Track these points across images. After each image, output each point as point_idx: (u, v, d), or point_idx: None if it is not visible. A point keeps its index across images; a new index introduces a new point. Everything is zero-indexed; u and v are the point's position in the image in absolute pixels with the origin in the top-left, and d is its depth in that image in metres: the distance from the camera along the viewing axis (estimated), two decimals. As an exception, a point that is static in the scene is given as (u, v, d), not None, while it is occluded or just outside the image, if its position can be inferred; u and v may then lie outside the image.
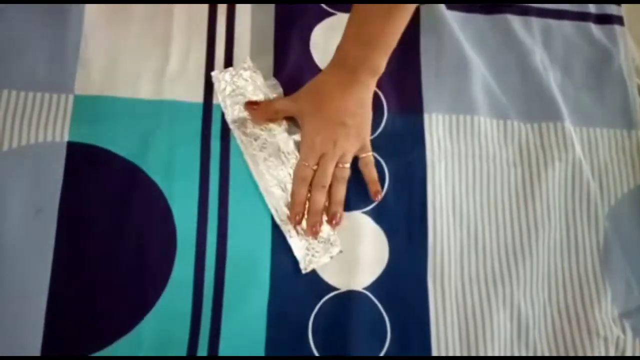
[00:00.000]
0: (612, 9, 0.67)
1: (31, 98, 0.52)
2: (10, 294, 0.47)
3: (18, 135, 0.51)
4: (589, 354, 0.51)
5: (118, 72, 0.55)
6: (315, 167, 0.53)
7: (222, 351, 0.47)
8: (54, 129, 0.52)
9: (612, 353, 0.52)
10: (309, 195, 0.53)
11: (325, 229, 0.52)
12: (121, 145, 0.52)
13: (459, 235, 0.54)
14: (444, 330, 0.51)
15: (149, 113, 0.54)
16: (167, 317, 0.48)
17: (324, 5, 0.62)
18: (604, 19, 0.67)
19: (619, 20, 0.66)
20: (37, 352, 0.46)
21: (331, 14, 0.62)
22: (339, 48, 0.53)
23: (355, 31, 0.51)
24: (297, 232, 0.52)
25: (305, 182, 0.53)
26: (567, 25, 0.65)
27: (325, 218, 0.53)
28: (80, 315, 0.47)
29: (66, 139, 0.52)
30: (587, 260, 0.55)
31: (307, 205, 0.53)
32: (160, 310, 0.48)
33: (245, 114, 0.55)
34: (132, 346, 0.47)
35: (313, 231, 0.51)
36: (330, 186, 0.54)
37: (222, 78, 0.56)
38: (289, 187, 0.53)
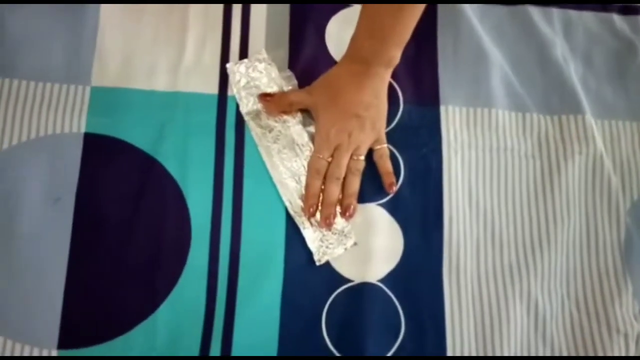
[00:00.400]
0: (635, -1, 0.65)
1: (49, 89, 0.53)
2: (27, 281, 0.47)
3: (36, 125, 0.52)
4: (608, 350, 0.50)
5: (134, 64, 0.55)
6: (329, 159, 0.53)
7: (236, 341, 0.47)
8: (71, 120, 0.52)
9: (632, 349, 0.50)
10: (323, 187, 0.53)
11: (340, 220, 0.52)
12: (137, 137, 0.52)
13: (475, 229, 0.53)
14: (459, 324, 0.50)
15: (165, 104, 0.54)
16: (182, 306, 0.48)
17: (339, -3, 0.61)
18: (627, 10, 0.65)
19: (643, 11, 0.65)
20: (54, 339, 0.46)
21: (346, 6, 0.61)
22: (352, 40, 0.52)
23: (368, 24, 0.50)
24: (311, 224, 0.52)
25: (320, 174, 0.52)
26: (588, 16, 0.64)
27: (338, 210, 0.52)
28: (97, 303, 0.48)
29: (83, 130, 0.52)
30: (607, 255, 0.54)
31: (321, 197, 0.52)
32: (174, 299, 0.48)
33: (259, 105, 0.55)
34: (147, 334, 0.47)
35: (327, 223, 0.51)
36: (345, 178, 0.53)
37: (237, 70, 0.56)
38: (303, 179, 0.53)
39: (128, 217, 0.50)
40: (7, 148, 0.51)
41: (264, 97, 0.55)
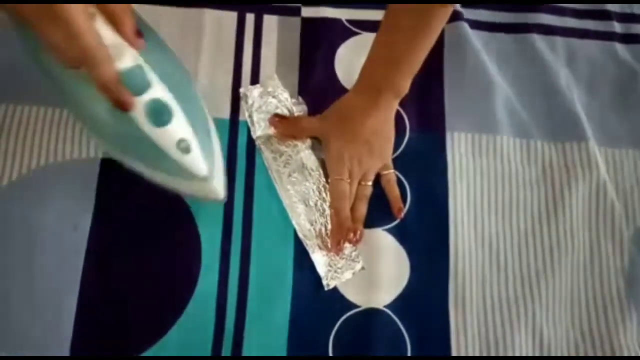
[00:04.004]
0: (637, 28, 0.65)
1: (65, 115, 0.53)
2: (40, 306, 0.47)
3: (54, 151, 0.52)
4: (612, 378, 0.49)
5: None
6: (349, 180, 0.52)
7: (244, 365, 0.47)
8: (88, 145, 0.52)
9: (636, 379, 0.49)
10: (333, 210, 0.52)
11: (347, 245, 0.51)
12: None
13: (480, 254, 0.53)
14: (465, 351, 0.49)
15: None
16: (191, 331, 0.47)
17: (348, 25, 0.61)
18: (629, 39, 0.64)
19: (645, 39, 0.64)
20: (65, 363, 0.46)
21: (356, 34, 0.61)
22: (364, 69, 0.52)
23: (381, 53, 0.50)
24: (320, 248, 0.51)
25: (345, 195, 0.51)
26: (591, 45, 0.63)
27: None
28: (107, 329, 0.47)
29: (100, 155, 0.52)
30: (611, 283, 0.52)
31: (329, 226, 0.52)
32: (184, 323, 0.47)
33: (270, 130, 0.55)
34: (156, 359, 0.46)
35: (338, 248, 0.50)
36: (352, 204, 0.52)
37: (249, 94, 0.56)
38: (312, 202, 0.53)
39: (140, 242, 0.49)
40: (25, 173, 0.51)
41: (277, 118, 0.54)
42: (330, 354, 0.48)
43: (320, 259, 0.51)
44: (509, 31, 0.63)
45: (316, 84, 0.58)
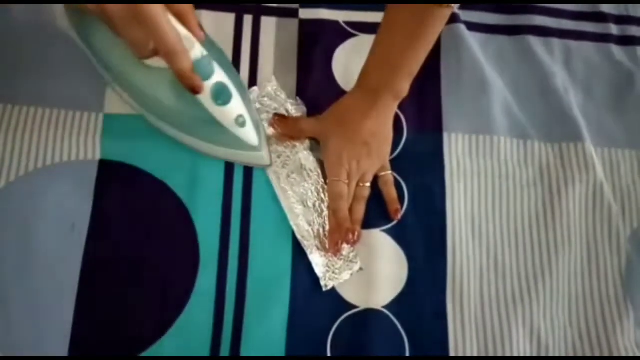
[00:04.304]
0: (633, 30, 0.65)
1: (63, 116, 0.53)
2: (38, 307, 0.46)
3: (52, 152, 0.51)
4: (610, 378, 0.49)
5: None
6: (347, 182, 0.52)
7: (242, 366, 0.47)
8: (86, 147, 0.52)
9: (634, 378, 0.49)
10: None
11: (345, 246, 0.51)
12: (148, 163, 0.52)
13: (478, 255, 0.52)
14: (463, 351, 0.49)
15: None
16: (189, 332, 0.47)
17: (346, 27, 0.61)
18: (625, 41, 0.64)
19: (641, 41, 0.64)
20: (63, 363, 0.45)
21: (353, 35, 0.61)
22: (363, 71, 0.52)
23: (380, 55, 0.50)
24: (318, 249, 0.51)
25: (343, 196, 0.51)
26: (588, 46, 0.64)
27: None
28: (105, 330, 0.47)
29: (98, 157, 0.52)
30: (608, 283, 0.52)
31: (327, 227, 0.52)
32: (182, 324, 0.47)
33: (269, 131, 0.55)
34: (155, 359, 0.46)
35: (336, 249, 0.50)
36: (350, 205, 0.52)
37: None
38: (310, 203, 0.52)
39: (138, 243, 0.49)
40: (23, 175, 0.50)
41: (277, 118, 0.54)
42: (329, 355, 0.48)
43: (318, 260, 0.51)
44: (505, 33, 0.63)
45: (314, 86, 0.58)
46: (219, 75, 0.45)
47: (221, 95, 0.45)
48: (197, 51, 0.43)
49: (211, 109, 0.46)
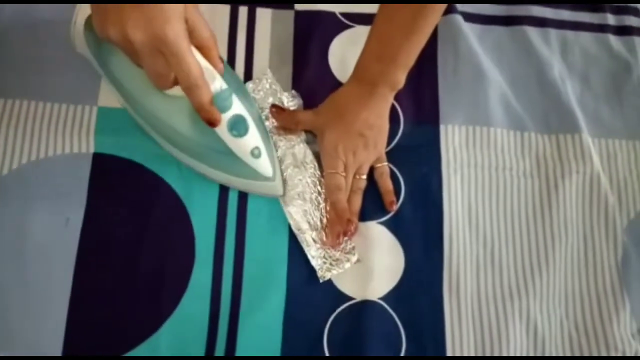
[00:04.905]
0: (631, 20, 0.64)
1: (56, 109, 0.52)
2: (32, 300, 0.46)
3: (45, 145, 0.51)
4: (606, 369, 0.49)
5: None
6: (343, 174, 0.52)
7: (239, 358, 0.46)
8: (80, 140, 0.51)
9: (630, 368, 0.49)
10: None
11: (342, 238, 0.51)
12: (144, 156, 0.51)
13: (474, 247, 0.52)
14: (460, 343, 0.49)
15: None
16: (185, 324, 0.47)
17: (342, 18, 0.61)
18: (623, 31, 0.64)
19: (638, 31, 0.63)
20: (57, 355, 0.45)
21: (349, 27, 0.60)
22: (359, 63, 0.51)
23: (376, 47, 0.49)
24: (315, 241, 0.51)
25: (341, 188, 0.51)
26: (585, 37, 0.63)
27: None
28: (100, 322, 0.46)
29: (92, 150, 0.51)
30: (605, 274, 0.52)
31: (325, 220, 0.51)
32: (178, 317, 0.47)
33: (265, 124, 0.54)
34: (149, 352, 0.46)
35: (337, 242, 0.50)
36: (347, 197, 0.52)
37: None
38: (307, 196, 0.52)
39: (133, 236, 0.49)
40: (16, 167, 0.50)
41: (274, 109, 0.54)
42: (325, 346, 0.48)
43: (314, 253, 0.50)
44: (502, 24, 0.62)
45: (310, 77, 0.57)
46: (237, 108, 0.44)
47: (238, 127, 0.44)
48: (217, 84, 0.42)
49: (227, 141, 0.45)
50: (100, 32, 0.39)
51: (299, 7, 0.60)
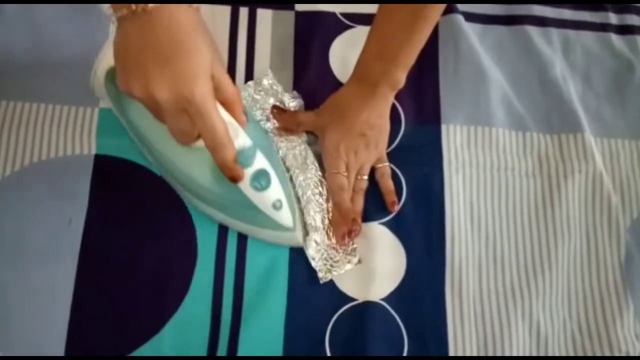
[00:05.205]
0: (633, 19, 0.64)
1: (58, 111, 0.52)
2: (35, 302, 0.46)
3: (47, 147, 0.51)
4: (609, 370, 0.48)
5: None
6: (346, 174, 0.51)
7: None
8: (82, 142, 0.51)
9: (633, 369, 0.49)
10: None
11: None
12: (145, 157, 0.51)
13: (477, 247, 0.52)
14: (462, 343, 0.48)
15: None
16: (187, 325, 0.47)
17: (342, 18, 0.61)
18: (625, 30, 0.64)
19: (640, 30, 0.63)
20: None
21: (350, 27, 0.60)
22: (359, 63, 0.51)
23: (377, 47, 0.49)
24: (316, 243, 0.50)
25: (344, 189, 0.51)
26: (587, 36, 0.63)
27: None
28: (102, 323, 0.46)
29: (94, 151, 0.51)
30: (608, 274, 0.52)
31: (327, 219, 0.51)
32: (180, 317, 0.47)
33: (266, 126, 0.54)
34: (153, 353, 0.45)
35: (343, 242, 0.50)
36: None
37: (243, 91, 0.56)
38: (308, 195, 0.52)
39: (136, 237, 0.49)
40: (18, 169, 0.50)
41: (276, 110, 0.54)
42: (327, 347, 0.48)
43: (315, 254, 0.50)
44: (503, 23, 0.62)
45: (311, 78, 0.57)
46: (260, 162, 0.43)
47: (261, 181, 0.43)
48: (240, 140, 0.41)
49: (249, 194, 0.44)
50: (123, 87, 0.37)
51: (299, 7, 0.60)
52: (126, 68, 0.37)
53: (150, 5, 0.34)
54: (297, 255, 0.50)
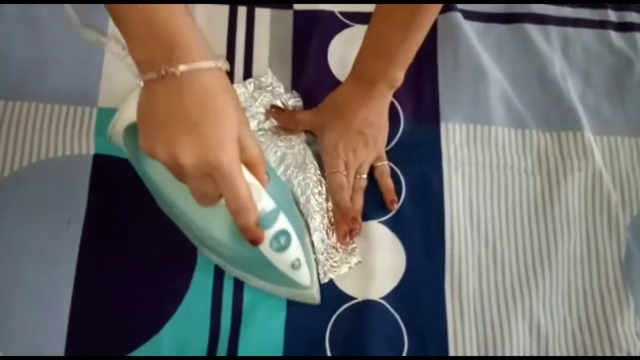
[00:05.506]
0: (632, 16, 0.64)
1: (57, 111, 0.52)
2: (34, 302, 0.46)
3: (46, 147, 0.51)
4: (610, 368, 0.48)
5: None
6: (345, 173, 0.51)
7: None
8: (80, 142, 0.51)
9: (635, 367, 0.49)
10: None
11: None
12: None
13: (476, 245, 0.52)
14: (462, 342, 0.48)
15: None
16: (187, 324, 0.46)
17: (341, 17, 0.60)
18: (624, 27, 0.63)
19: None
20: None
21: (348, 26, 0.60)
22: (357, 61, 0.51)
23: (374, 45, 0.49)
24: (316, 243, 0.50)
25: (343, 188, 0.51)
26: (586, 33, 0.63)
27: None
28: (102, 323, 0.46)
29: (92, 151, 0.51)
30: (608, 272, 0.52)
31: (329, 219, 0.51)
32: (180, 317, 0.47)
33: (266, 125, 0.54)
34: (153, 353, 0.45)
35: (345, 241, 0.50)
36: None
37: (242, 90, 0.55)
38: (307, 194, 0.52)
39: (135, 236, 0.49)
40: (17, 169, 0.50)
41: (274, 109, 0.54)
42: (327, 346, 0.47)
43: (315, 254, 0.50)
44: (503, 21, 0.62)
45: (309, 77, 0.57)
46: (282, 223, 0.43)
47: (280, 241, 0.43)
48: (263, 202, 0.40)
49: (268, 254, 0.43)
50: (146, 149, 0.35)
51: (297, 6, 0.60)
52: (151, 131, 0.35)
53: (179, 69, 0.33)
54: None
